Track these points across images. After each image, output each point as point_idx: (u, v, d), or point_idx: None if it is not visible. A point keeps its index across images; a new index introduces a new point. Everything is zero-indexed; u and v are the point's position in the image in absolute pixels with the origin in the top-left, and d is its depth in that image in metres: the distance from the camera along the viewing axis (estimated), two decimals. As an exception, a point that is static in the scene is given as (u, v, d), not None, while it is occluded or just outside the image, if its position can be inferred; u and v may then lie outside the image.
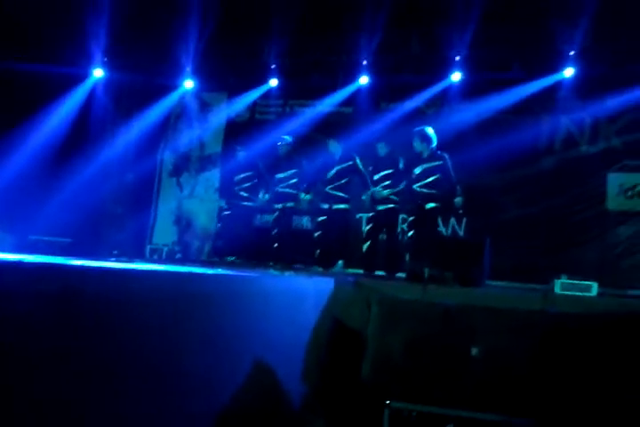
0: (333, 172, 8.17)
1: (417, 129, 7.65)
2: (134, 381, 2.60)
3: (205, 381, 3.12)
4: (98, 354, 2.46)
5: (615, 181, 8.64)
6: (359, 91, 10.30)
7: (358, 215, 9.18)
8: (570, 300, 4.56)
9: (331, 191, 8.11)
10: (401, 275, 6.74)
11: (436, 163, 7.37)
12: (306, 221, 9.93)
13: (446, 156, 7.44)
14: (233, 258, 8.59)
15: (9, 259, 3.77)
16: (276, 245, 8.48)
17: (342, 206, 8.08)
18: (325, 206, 8.18)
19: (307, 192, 8.32)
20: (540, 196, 8.82)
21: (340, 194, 8.07)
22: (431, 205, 7.26)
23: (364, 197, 7.94)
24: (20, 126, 9.42)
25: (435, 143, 7.51)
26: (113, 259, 7.45)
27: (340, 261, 8.12)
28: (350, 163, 8.13)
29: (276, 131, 10.63)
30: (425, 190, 7.33)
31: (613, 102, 8.78)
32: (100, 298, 2.56)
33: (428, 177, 7.34)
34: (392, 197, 7.73)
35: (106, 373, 2.46)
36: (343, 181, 8.09)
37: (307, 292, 4.60)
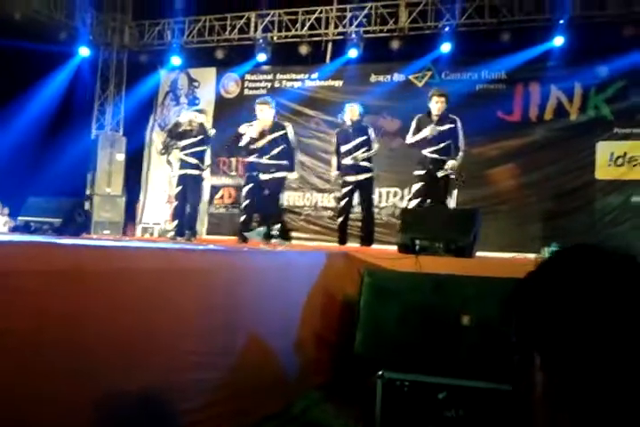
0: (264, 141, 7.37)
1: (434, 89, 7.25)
2: (120, 360, 2.59)
3: (198, 355, 3.13)
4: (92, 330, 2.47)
5: (605, 149, 8.66)
6: (348, 64, 10.23)
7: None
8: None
9: (267, 161, 7.36)
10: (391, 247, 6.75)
11: (448, 126, 6.85)
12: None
13: (457, 119, 6.94)
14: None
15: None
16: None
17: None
18: (267, 177, 7.41)
19: None
20: (530, 166, 8.83)
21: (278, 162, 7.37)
22: (442, 173, 6.77)
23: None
24: (5, 106, 9.30)
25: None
26: (104, 238, 7.45)
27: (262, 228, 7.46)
28: (283, 132, 7.40)
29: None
30: (436, 156, 6.80)
31: (602, 71, 8.76)
32: (93, 275, 2.56)
33: (440, 142, 6.80)
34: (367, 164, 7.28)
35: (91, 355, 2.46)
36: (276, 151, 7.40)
37: (298, 266, 4.61)
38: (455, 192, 8.66)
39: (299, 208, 10.45)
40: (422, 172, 6.88)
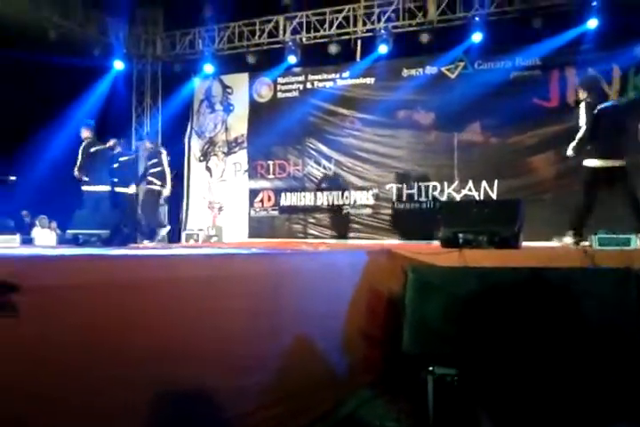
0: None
1: None
2: (171, 369, 2.63)
3: (248, 359, 3.15)
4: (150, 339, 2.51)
5: (649, 130, 8.41)
6: (379, 60, 10.19)
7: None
8: (609, 255, 4.49)
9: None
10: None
11: None
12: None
13: None
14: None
15: (51, 254, 3.83)
16: None
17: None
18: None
19: None
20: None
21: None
22: None
23: None
24: (47, 120, 9.54)
25: None
26: (151, 247, 7.58)
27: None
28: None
29: (299, 108, 10.63)
30: None
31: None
32: (142, 286, 2.60)
33: None
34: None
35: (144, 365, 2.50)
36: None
37: (341, 265, 4.61)
38: (496, 183, 8.53)
39: (339, 207, 10.45)
40: None
